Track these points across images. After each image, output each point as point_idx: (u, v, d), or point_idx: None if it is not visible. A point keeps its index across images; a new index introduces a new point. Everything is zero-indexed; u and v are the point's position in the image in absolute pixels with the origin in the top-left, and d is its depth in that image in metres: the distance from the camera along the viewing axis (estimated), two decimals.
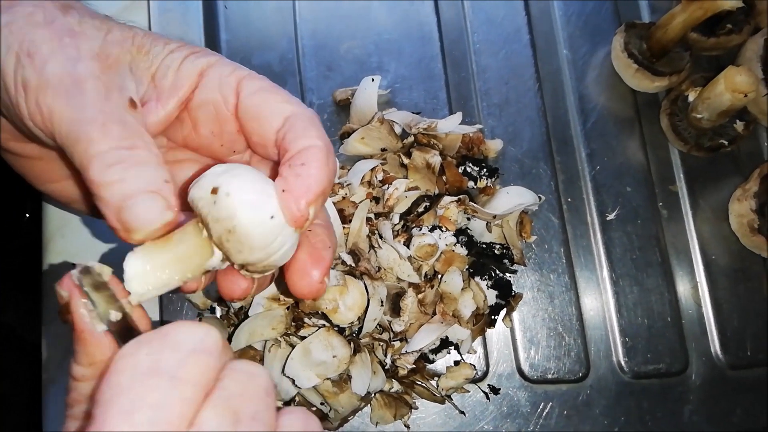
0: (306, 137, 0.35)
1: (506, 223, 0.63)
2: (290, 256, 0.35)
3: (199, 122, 0.39)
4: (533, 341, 0.64)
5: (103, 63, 0.36)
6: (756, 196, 0.64)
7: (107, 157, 0.32)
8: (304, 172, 0.33)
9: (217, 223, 0.32)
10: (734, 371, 0.65)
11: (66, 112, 0.33)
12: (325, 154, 0.34)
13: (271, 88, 0.37)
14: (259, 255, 0.33)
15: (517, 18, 0.72)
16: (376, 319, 0.57)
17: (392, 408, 0.61)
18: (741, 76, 0.58)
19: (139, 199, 0.32)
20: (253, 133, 0.38)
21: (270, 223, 0.32)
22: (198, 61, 0.37)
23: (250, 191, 0.33)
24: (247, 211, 0.32)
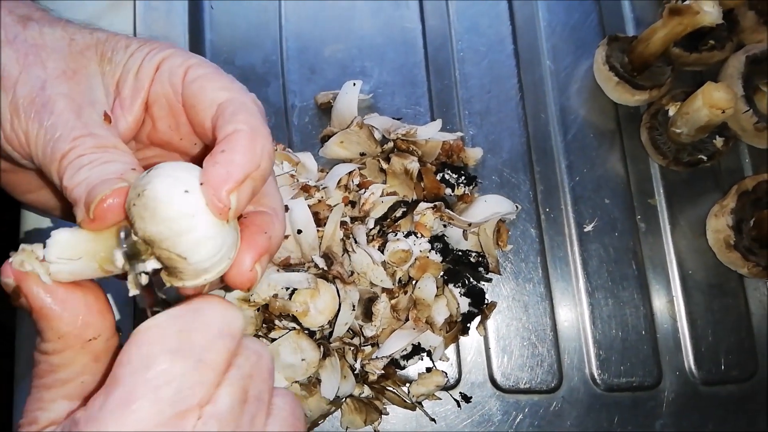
0: (232, 122, 0.33)
1: (483, 232, 0.63)
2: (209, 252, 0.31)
3: (155, 118, 0.39)
4: (506, 350, 0.64)
5: (71, 78, 0.36)
6: (733, 213, 0.64)
7: (77, 162, 0.33)
8: (223, 159, 0.32)
9: (133, 190, 0.30)
10: (707, 387, 0.65)
11: (40, 136, 0.34)
12: (249, 138, 0.33)
13: (212, 75, 0.36)
14: (161, 229, 0.30)
15: (502, 27, 0.72)
16: (347, 323, 0.56)
17: (362, 413, 0.61)
18: (719, 92, 0.58)
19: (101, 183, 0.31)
20: (194, 122, 0.37)
21: (181, 196, 0.30)
22: (154, 58, 0.37)
23: (178, 168, 0.31)
24: (162, 179, 0.30)
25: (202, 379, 0.28)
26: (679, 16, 0.59)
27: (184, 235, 0.30)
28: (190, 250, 0.30)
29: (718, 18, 0.58)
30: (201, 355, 0.28)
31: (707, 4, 0.58)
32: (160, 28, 0.68)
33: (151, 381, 0.27)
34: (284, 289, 0.55)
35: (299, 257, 0.58)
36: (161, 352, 0.28)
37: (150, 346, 0.28)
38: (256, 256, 0.34)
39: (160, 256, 0.31)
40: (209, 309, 0.30)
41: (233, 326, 0.30)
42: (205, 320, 0.29)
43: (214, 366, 0.29)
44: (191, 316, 0.29)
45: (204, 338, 0.29)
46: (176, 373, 0.27)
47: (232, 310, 0.31)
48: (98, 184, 0.32)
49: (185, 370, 0.28)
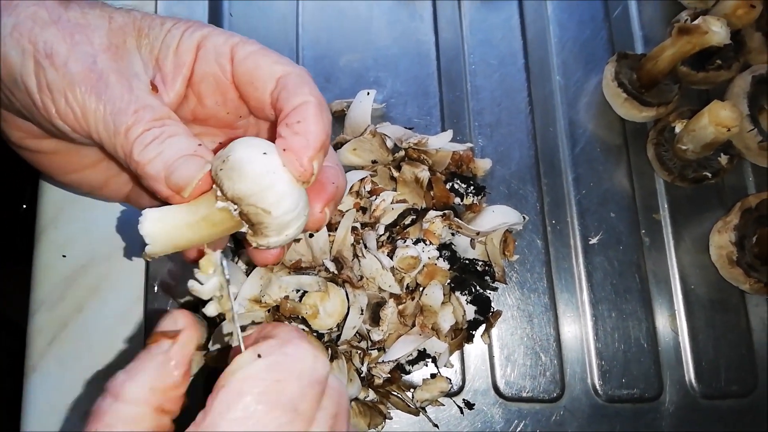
0: (298, 95, 0.36)
1: (490, 241, 0.64)
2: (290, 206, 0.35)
3: (202, 95, 0.41)
4: (510, 359, 0.65)
5: (115, 53, 0.37)
6: (736, 229, 0.65)
7: (144, 138, 0.35)
8: (301, 129, 0.35)
9: (217, 159, 0.34)
10: (707, 401, 0.66)
11: (99, 110, 0.36)
12: (319, 109, 0.36)
13: (262, 51, 0.38)
14: (247, 185, 0.33)
15: (514, 42, 0.74)
16: (355, 327, 0.57)
17: (367, 416, 0.62)
18: (725, 111, 0.59)
19: (180, 161, 0.35)
20: (250, 97, 0.39)
21: (262, 157, 0.34)
22: (193, 35, 0.39)
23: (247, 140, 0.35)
24: (242, 146, 0.34)
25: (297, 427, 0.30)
26: (687, 35, 0.60)
27: (268, 190, 0.34)
28: (274, 203, 0.34)
29: (725, 38, 0.59)
30: (295, 405, 0.30)
31: (715, 24, 0.59)
32: None
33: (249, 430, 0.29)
34: (295, 291, 0.57)
35: (310, 260, 0.59)
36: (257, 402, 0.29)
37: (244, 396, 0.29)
38: (326, 201, 0.38)
39: (248, 213, 0.34)
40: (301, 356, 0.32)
41: (322, 373, 0.32)
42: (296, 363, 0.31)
43: (307, 415, 0.30)
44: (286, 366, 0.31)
45: (298, 388, 0.30)
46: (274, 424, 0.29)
47: (320, 357, 0.32)
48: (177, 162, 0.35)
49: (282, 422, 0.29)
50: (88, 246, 0.63)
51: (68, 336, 0.60)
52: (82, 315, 0.61)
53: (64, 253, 0.63)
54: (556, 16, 0.75)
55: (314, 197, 0.38)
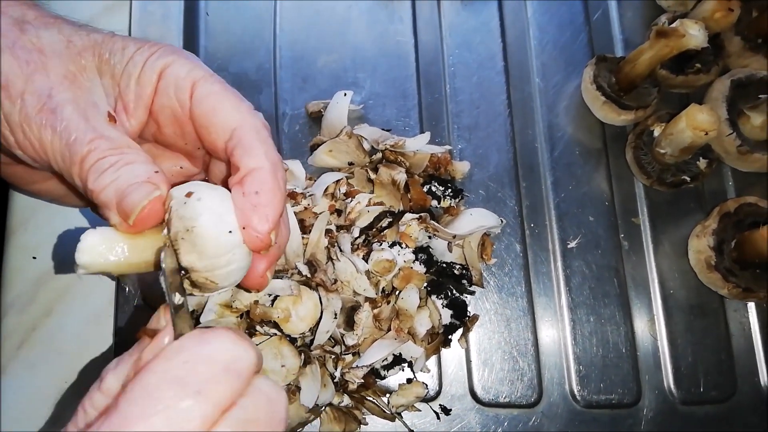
0: (253, 156, 0.36)
1: (468, 245, 0.63)
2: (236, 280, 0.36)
3: (161, 125, 0.40)
4: (487, 363, 0.64)
5: (72, 82, 0.37)
6: (714, 234, 0.64)
7: (99, 166, 0.35)
8: (260, 202, 0.35)
9: (180, 221, 0.34)
10: (686, 407, 0.65)
11: (55, 142, 0.35)
12: (274, 176, 0.35)
13: (221, 93, 0.37)
14: (205, 264, 0.34)
15: (493, 44, 0.73)
16: (328, 331, 0.57)
17: (342, 422, 0.61)
18: (702, 114, 0.59)
19: (132, 187, 0.34)
20: (205, 140, 0.39)
21: (226, 237, 0.34)
22: (156, 63, 0.38)
23: (220, 204, 0.35)
24: (209, 218, 0.34)
25: (198, 412, 0.27)
26: (665, 38, 0.60)
27: (224, 268, 0.34)
28: (224, 278, 0.35)
29: (703, 41, 0.59)
30: (201, 386, 0.27)
31: (693, 27, 0.59)
32: (155, 32, 0.69)
33: (145, 409, 0.27)
34: (267, 295, 0.56)
35: (283, 263, 0.58)
36: (161, 380, 0.27)
37: (152, 375, 0.28)
38: (268, 266, 0.38)
39: (195, 279, 0.35)
40: (218, 342, 0.29)
41: (240, 363, 0.29)
42: (212, 353, 0.29)
43: (214, 401, 0.28)
44: (198, 348, 0.29)
45: (207, 371, 0.28)
46: (171, 402, 0.27)
47: (241, 346, 0.30)
48: (129, 188, 0.34)
49: (181, 400, 0.27)
50: (58, 248, 0.62)
51: (38, 339, 0.60)
52: (51, 318, 0.60)
53: (34, 255, 0.62)
54: (536, 18, 0.75)
55: (258, 261, 0.37)
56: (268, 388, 0.30)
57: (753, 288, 0.63)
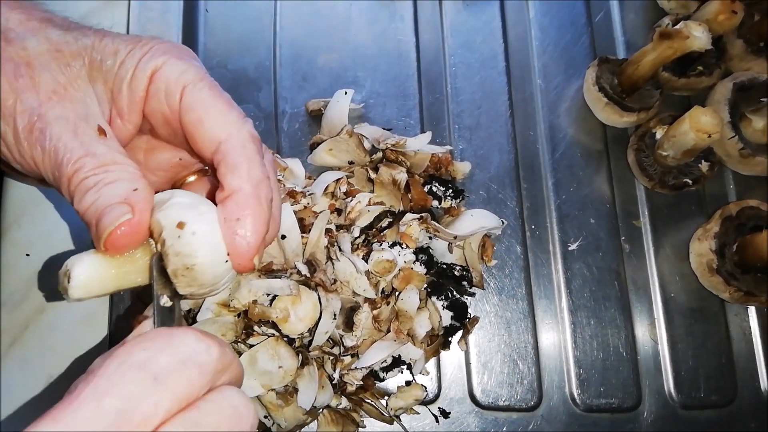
0: (235, 176, 0.36)
1: (468, 246, 0.63)
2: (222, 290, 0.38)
3: (154, 126, 0.40)
4: (487, 366, 0.63)
5: (63, 97, 0.36)
6: (716, 237, 0.64)
7: (84, 186, 0.35)
8: (241, 229, 0.35)
9: (177, 257, 0.34)
10: (686, 411, 0.65)
11: (45, 161, 0.35)
12: (255, 198, 0.36)
13: (208, 101, 0.37)
14: (204, 291, 0.35)
15: (495, 44, 0.73)
16: (327, 332, 0.56)
17: (339, 425, 0.60)
18: (706, 117, 0.59)
19: (107, 209, 0.34)
20: (193, 147, 0.39)
21: (223, 266, 0.35)
22: (147, 66, 0.37)
23: (212, 233, 0.35)
24: (208, 254, 0.35)
25: (155, 399, 0.26)
26: (669, 40, 0.60)
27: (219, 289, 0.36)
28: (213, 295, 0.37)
29: (707, 43, 0.58)
30: (158, 374, 0.26)
31: (697, 29, 0.59)
32: (153, 28, 0.68)
33: (98, 389, 0.26)
34: (265, 295, 0.55)
35: (282, 263, 0.57)
36: (120, 364, 0.27)
37: (113, 359, 0.27)
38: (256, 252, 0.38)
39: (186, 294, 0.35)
40: (183, 334, 0.29)
41: (204, 357, 0.28)
42: (174, 344, 0.28)
43: (169, 390, 0.26)
44: (162, 339, 0.28)
45: (167, 359, 0.27)
46: (125, 385, 0.26)
47: (206, 342, 0.29)
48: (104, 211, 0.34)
49: (136, 384, 0.26)
50: (52, 245, 0.61)
51: (31, 337, 0.59)
52: (45, 316, 0.60)
53: (28, 252, 0.61)
54: (538, 19, 0.74)
55: None
56: (236, 398, 0.29)
57: (754, 292, 0.63)
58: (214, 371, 0.28)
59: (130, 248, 0.34)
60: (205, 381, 0.28)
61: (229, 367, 0.29)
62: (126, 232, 0.33)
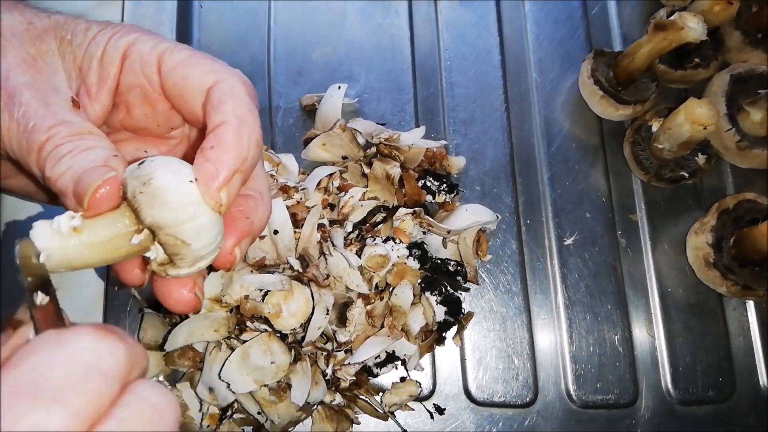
0: (219, 112, 0.34)
1: (463, 241, 0.62)
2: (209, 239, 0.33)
3: (130, 106, 0.39)
4: (482, 362, 0.63)
5: (32, 66, 0.35)
6: (713, 230, 0.63)
7: (56, 153, 0.33)
8: (212, 155, 0.32)
9: (135, 179, 0.31)
10: (684, 407, 0.64)
11: (12, 128, 0.33)
12: (235, 131, 0.33)
13: (190, 59, 0.36)
14: (169, 215, 0.31)
15: (490, 38, 0.72)
16: (320, 327, 0.55)
17: (334, 421, 0.59)
18: (701, 109, 0.58)
19: (87, 171, 0.32)
20: (182, 109, 0.37)
21: (187, 186, 0.32)
22: (119, 42, 0.36)
23: (175, 161, 0.33)
24: (166, 170, 0.32)
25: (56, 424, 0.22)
26: (663, 32, 0.59)
27: (189, 222, 0.32)
28: (194, 236, 0.32)
29: (702, 34, 0.58)
30: (57, 394, 0.23)
31: (692, 20, 0.58)
32: (148, 24, 0.68)
33: None
34: (258, 290, 0.55)
35: (275, 258, 0.57)
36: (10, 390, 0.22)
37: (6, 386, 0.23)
38: (236, 241, 0.36)
39: (165, 243, 0.32)
40: (75, 338, 0.25)
41: (106, 362, 0.24)
42: (70, 352, 0.24)
43: (75, 410, 0.23)
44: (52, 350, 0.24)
45: (64, 375, 0.23)
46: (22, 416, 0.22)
47: (105, 342, 0.25)
48: (84, 172, 0.31)
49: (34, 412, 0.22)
50: None
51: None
52: None
53: None
54: (533, 13, 0.74)
55: (225, 234, 0.35)
56: (152, 394, 0.25)
57: (752, 286, 0.62)
58: (122, 374, 0.25)
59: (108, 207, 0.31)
60: (115, 387, 0.25)
61: (136, 362, 0.26)
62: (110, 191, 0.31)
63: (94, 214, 0.31)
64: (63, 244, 0.30)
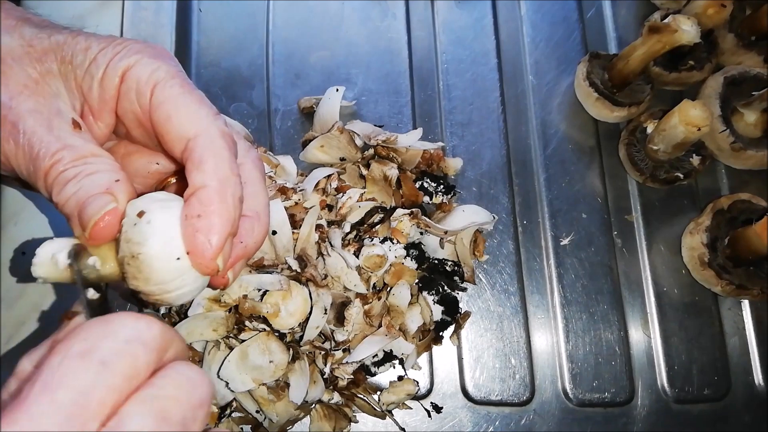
0: (200, 172, 0.34)
1: (460, 241, 0.63)
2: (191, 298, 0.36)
3: (128, 127, 0.39)
4: (479, 361, 0.63)
5: (34, 91, 0.36)
6: (708, 230, 0.64)
7: (62, 178, 0.34)
8: (201, 225, 0.33)
9: (127, 244, 0.33)
10: (680, 405, 0.64)
11: (19, 155, 0.35)
12: (219, 196, 0.34)
13: (178, 98, 0.36)
14: (153, 289, 0.33)
15: (486, 41, 0.73)
16: (318, 327, 0.56)
17: (331, 420, 0.60)
18: (695, 110, 0.59)
19: (90, 199, 0.33)
20: (164, 146, 0.38)
21: (174, 263, 0.33)
22: (119, 65, 0.37)
23: (170, 227, 0.33)
24: (156, 244, 0.33)
25: (106, 382, 0.26)
26: (657, 34, 0.60)
27: (173, 292, 0.34)
28: (175, 299, 0.34)
29: (696, 37, 0.59)
30: (105, 358, 0.26)
31: (686, 23, 0.59)
32: (147, 28, 0.68)
33: (49, 385, 0.25)
34: (256, 290, 0.55)
35: (273, 258, 0.57)
36: (64, 357, 0.26)
37: (56, 354, 0.27)
38: (230, 266, 0.36)
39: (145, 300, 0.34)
40: (118, 318, 0.28)
41: (145, 335, 0.28)
42: (113, 328, 0.28)
43: (119, 371, 0.26)
44: (100, 325, 0.28)
45: (109, 344, 0.27)
46: (74, 375, 0.26)
47: (144, 320, 0.28)
48: (87, 200, 0.33)
49: (85, 372, 0.26)
50: None
51: (26, 334, 0.59)
52: (40, 313, 0.60)
53: (24, 251, 0.61)
54: (530, 16, 0.75)
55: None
56: (188, 370, 0.29)
57: (746, 285, 0.63)
58: (159, 347, 0.28)
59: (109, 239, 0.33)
60: (153, 357, 0.28)
61: (172, 342, 0.29)
62: (110, 222, 0.33)
63: (97, 243, 0.33)
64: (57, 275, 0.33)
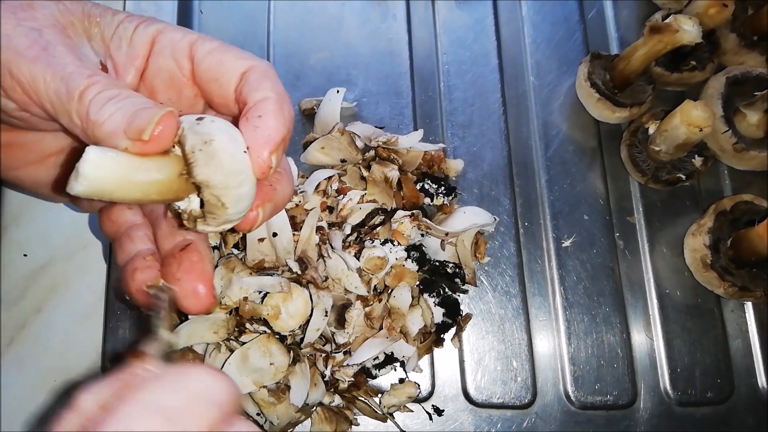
0: (260, 89, 0.36)
1: (461, 243, 0.63)
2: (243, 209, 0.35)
3: (155, 90, 0.39)
4: (481, 364, 0.63)
5: (62, 31, 0.36)
6: (710, 232, 0.64)
7: (101, 96, 0.33)
8: (261, 123, 0.35)
9: (196, 135, 0.33)
10: (682, 408, 0.64)
11: (48, 77, 0.34)
12: (279, 104, 0.36)
13: (223, 47, 0.38)
14: (222, 178, 0.33)
15: (487, 42, 0.73)
16: (319, 329, 0.56)
17: (332, 422, 0.60)
18: (697, 111, 0.58)
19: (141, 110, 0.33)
20: (214, 94, 0.39)
21: (241, 155, 0.34)
22: (148, 29, 0.38)
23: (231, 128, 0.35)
24: (226, 136, 0.34)
25: None
26: (659, 34, 0.60)
27: (235, 189, 0.34)
28: (234, 202, 0.34)
29: (697, 37, 0.58)
30: (173, 414, 0.27)
31: (687, 23, 0.58)
32: None
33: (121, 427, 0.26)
34: (257, 292, 0.55)
35: (274, 261, 0.57)
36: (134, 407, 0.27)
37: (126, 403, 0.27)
38: (260, 202, 0.37)
39: (207, 200, 0.34)
40: (195, 374, 0.29)
41: (213, 391, 0.28)
42: (185, 381, 0.28)
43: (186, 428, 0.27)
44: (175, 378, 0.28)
45: (181, 399, 0.27)
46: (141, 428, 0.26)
47: (218, 378, 0.29)
48: (138, 111, 0.33)
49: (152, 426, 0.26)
50: (49, 245, 0.62)
51: (27, 337, 0.59)
52: (41, 316, 0.60)
53: (25, 252, 0.61)
54: (531, 16, 0.74)
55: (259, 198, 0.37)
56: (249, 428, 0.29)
57: (749, 287, 0.63)
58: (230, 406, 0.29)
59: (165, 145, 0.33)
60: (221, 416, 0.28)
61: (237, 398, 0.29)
62: (170, 124, 0.32)
63: (152, 149, 0.32)
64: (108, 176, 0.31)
